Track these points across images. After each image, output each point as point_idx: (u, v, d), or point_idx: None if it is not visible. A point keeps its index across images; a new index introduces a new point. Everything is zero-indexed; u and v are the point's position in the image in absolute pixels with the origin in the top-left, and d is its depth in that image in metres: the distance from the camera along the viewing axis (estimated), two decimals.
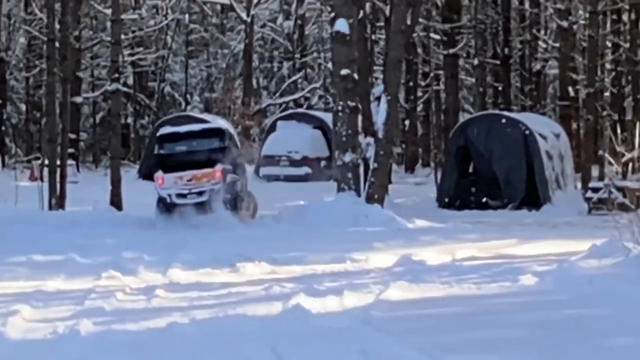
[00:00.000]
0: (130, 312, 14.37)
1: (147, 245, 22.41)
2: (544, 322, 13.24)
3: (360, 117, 30.80)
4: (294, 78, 56.84)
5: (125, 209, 31.45)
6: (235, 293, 16.28)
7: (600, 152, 38.14)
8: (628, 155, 33.65)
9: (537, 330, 12.71)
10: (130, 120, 59.51)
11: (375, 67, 43.43)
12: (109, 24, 37.12)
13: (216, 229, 26.30)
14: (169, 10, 59.05)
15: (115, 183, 32.40)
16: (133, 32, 55.56)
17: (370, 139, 30.80)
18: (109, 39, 38.99)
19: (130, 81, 58.08)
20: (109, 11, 36.62)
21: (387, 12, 35.81)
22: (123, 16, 41.71)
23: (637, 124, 37.65)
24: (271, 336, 12.27)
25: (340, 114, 30.24)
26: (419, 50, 51.26)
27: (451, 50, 46.68)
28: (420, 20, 41.50)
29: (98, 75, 57.05)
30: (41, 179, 33.80)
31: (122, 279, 17.61)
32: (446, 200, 33.73)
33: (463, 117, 42.12)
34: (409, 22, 33.22)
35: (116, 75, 35.17)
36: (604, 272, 17.02)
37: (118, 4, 35.45)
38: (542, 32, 52.77)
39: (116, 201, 31.99)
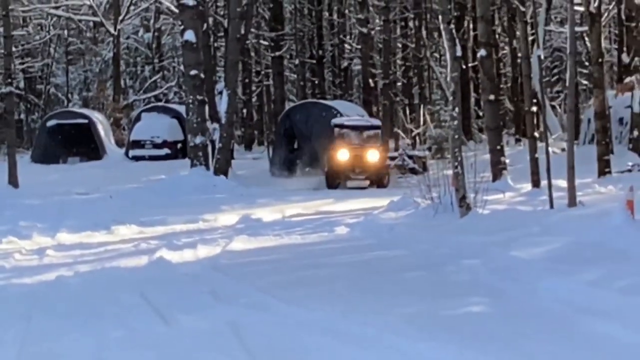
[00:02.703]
0: (25, 269, 14.17)
1: (39, 215, 22.04)
2: (355, 262, 13.37)
3: (207, 108, 30.68)
4: (154, 78, 56.22)
5: (20, 187, 30.86)
6: (110, 250, 16.18)
7: (395, 129, 38.53)
8: (416, 131, 34.21)
9: (349, 268, 12.82)
10: (22, 116, 58.29)
11: (217, 68, 43.19)
12: (1, 39, 36.18)
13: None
14: (51, 27, 57.97)
15: (12, 167, 31.78)
16: (22, 45, 54.34)
17: (216, 125, 30.73)
18: (2, 51, 38.07)
19: (22, 85, 56.82)
20: (1, 29, 35.70)
21: (226, 24, 35.61)
22: (13, 32, 40.78)
23: (422, 107, 38.20)
24: (140, 283, 12.19)
25: (191, 105, 30.06)
26: (252, 54, 51.08)
27: (277, 53, 46.66)
28: (252, 30, 41.40)
29: None
30: None
31: (19, 243, 17.33)
32: (277, 170, 33.75)
33: (288, 105, 42.08)
34: (243, 32, 33.11)
35: (9, 80, 34.47)
36: (400, 221, 17.27)
37: (9, 23, 34.72)
38: (348, 37, 53.07)
39: (13, 181, 31.39)
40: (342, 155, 28.92)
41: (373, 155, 28.75)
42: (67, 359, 8.25)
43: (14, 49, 39.87)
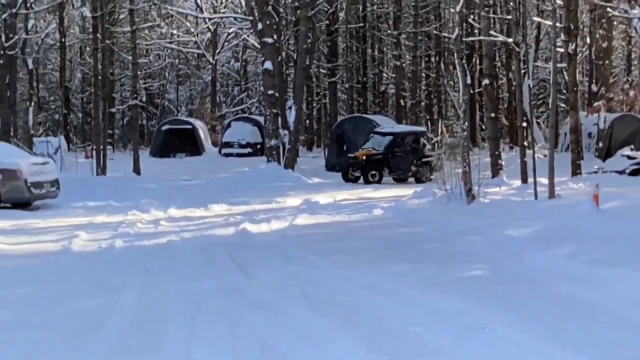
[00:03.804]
0: (145, 234, 14.30)
1: (155, 195, 22.24)
2: (386, 235, 13.37)
3: (279, 119, 30.74)
4: (241, 96, 56.32)
5: (142, 175, 31.14)
6: (207, 222, 16.26)
7: None
8: (435, 139, 33.95)
9: (382, 240, 12.84)
10: (144, 122, 58.76)
11: (288, 89, 43.26)
12: (130, 65, 36.46)
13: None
14: (167, 56, 58.33)
15: (136, 159, 32.03)
16: (145, 69, 54.76)
17: (286, 131, 30.74)
18: (130, 74, 38.44)
19: (144, 99, 57.25)
20: (130, 57, 36.00)
21: (295, 57, 35.66)
22: (139, 60, 41.12)
23: (439, 121, 37.93)
24: (228, 247, 12.27)
25: (268, 116, 30.13)
26: (314, 79, 51.12)
27: (332, 79, 46.61)
28: (314, 61, 41.42)
29: (124, 95, 56.13)
30: (91, 157, 33.31)
31: (140, 215, 17.48)
32: (330, 166, 33.70)
33: (340, 118, 42.02)
34: (307, 62, 33.14)
35: (135, 95, 34.77)
36: (421, 206, 17.22)
37: (136, 53, 35.03)
38: (385, 67, 52.86)
39: (136, 170, 31.65)
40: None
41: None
42: (174, 300, 8.34)
43: (138, 72, 40.14)
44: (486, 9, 24.58)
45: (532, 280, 8.92)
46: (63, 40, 47.45)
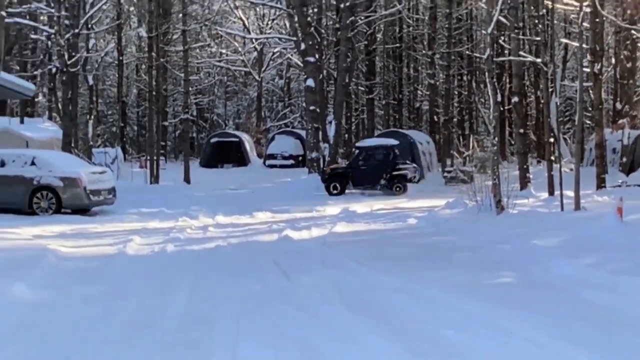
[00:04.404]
0: (194, 239, 14.41)
1: (204, 203, 22.39)
2: (420, 244, 13.32)
3: (320, 133, 30.81)
4: (284, 111, 56.55)
5: (192, 184, 31.37)
6: (252, 229, 16.32)
7: (451, 151, 38.20)
8: (466, 153, 33.82)
9: (416, 248, 12.79)
10: (194, 134, 59.20)
11: (328, 105, 43.33)
12: (182, 82, 36.83)
13: None
14: (216, 74, 58.73)
15: (186, 169, 32.28)
16: (196, 86, 55.19)
17: (326, 144, 30.81)
18: (182, 90, 38.77)
19: (195, 113, 57.71)
20: (182, 75, 36.37)
21: (335, 75, 35.74)
22: (190, 77, 41.48)
23: (471, 136, 37.76)
24: (272, 252, 12.31)
25: (310, 130, 30.25)
26: (353, 96, 51.13)
27: (370, 96, 46.58)
28: (353, 79, 41.46)
29: (176, 110, 56.64)
30: (145, 167, 33.66)
31: (190, 222, 17.62)
32: None
33: (376, 133, 41.97)
34: (347, 80, 33.22)
35: (186, 110, 35.10)
36: (453, 216, 17.13)
37: (187, 71, 35.36)
38: (420, 85, 52.73)
39: (187, 179, 31.88)
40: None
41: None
42: (221, 300, 8.41)
43: (190, 88, 40.48)
44: (516, 30, 24.42)
45: (557, 287, 8.85)
46: (121, 58, 48.09)
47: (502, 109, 38.47)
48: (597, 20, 22.32)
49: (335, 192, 26.22)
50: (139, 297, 8.66)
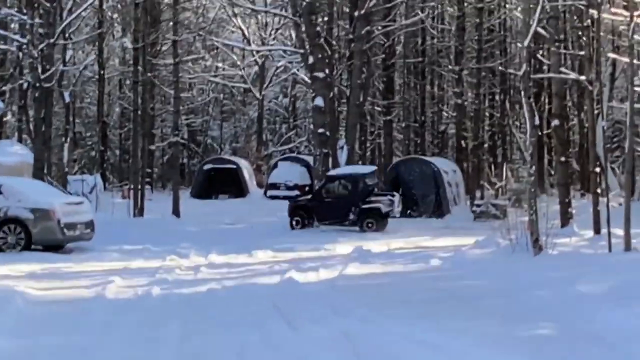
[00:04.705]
0: (184, 282, 14.42)
1: (196, 240, 22.40)
2: (445, 289, 13.27)
3: (330, 159, 30.85)
4: (289, 134, 56.78)
5: (182, 217, 31.41)
6: (250, 270, 16.32)
7: (482, 182, 38.19)
8: (498, 184, 33.86)
9: (440, 293, 12.74)
10: (185, 160, 59.40)
11: (340, 128, 43.45)
12: (172, 100, 37.07)
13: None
14: (210, 91, 59.08)
15: (176, 200, 32.31)
16: (187, 104, 55.48)
17: None
18: (172, 109, 38.98)
19: (186, 135, 57.95)
20: (172, 91, 36.58)
21: (348, 93, 35.90)
22: (181, 95, 41.73)
23: (505, 165, 37.81)
24: (273, 297, 12.28)
25: (318, 157, 30.33)
26: (368, 117, 51.26)
27: (388, 117, 46.72)
28: (369, 98, 41.59)
29: (165, 131, 56.87)
30: (129, 197, 33.76)
31: (179, 261, 17.66)
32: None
33: (395, 159, 42.03)
34: (361, 99, 33.35)
35: (176, 132, 35.21)
36: (484, 257, 17.08)
37: (178, 87, 35.53)
38: (445, 106, 52.89)
39: (176, 212, 31.91)
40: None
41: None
42: (215, 355, 8.39)
43: (181, 107, 40.69)
44: (556, 44, 24.53)
45: (605, 342, 8.79)
46: (102, 72, 48.42)
47: (540, 133, 38.52)
48: None
49: (297, 227, 26.48)
50: (119, 350, 8.64)
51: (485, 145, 49.55)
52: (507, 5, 44.35)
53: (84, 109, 57.86)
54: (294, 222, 26.68)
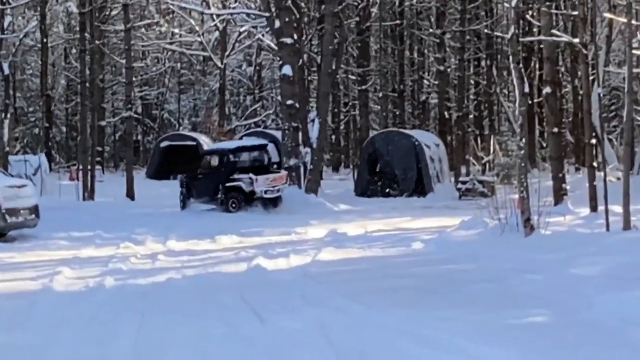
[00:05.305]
0: (140, 271, 14.40)
1: (152, 224, 22.36)
2: (428, 274, 13.32)
3: (300, 134, 30.82)
4: (254, 107, 56.65)
5: (137, 200, 31.32)
6: (214, 257, 16.31)
7: (467, 157, 38.34)
8: (486, 159, 34.01)
9: (423, 279, 12.79)
10: (139, 137, 59.16)
11: (310, 99, 43.47)
12: (124, 70, 36.84)
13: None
14: (166, 60, 58.83)
15: (130, 182, 32.29)
16: (141, 75, 55.21)
17: (308, 149, 30.85)
18: (124, 80, 38.76)
19: (140, 110, 57.71)
20: (124, 61, 36.36)
21: (319, 60, 35.83)
22: (134, 64, 41.50)
23: (492, 137, 37.96)
24: (239, 286, 12.30)
25: (287, 131, 30.24)
26: (341, 87, 51.24)
27: (363, 87, 46.76)
28: (342, 66, 41.58)
29: (116, 106, 56.61)
30: (77, 179, 33.61)
31: (135, 248, 17.64)
32: (360, 190, 33.73)
33: (372, 133, 42.09)
34: (334, 67, 33.30)
35: (129, 106, 35.08)
36: (470, 239, 17.14)
37: (130, 56, 35.36)
38: (426, 73, 52.99)
39: (130, 194, 31.88)
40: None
41: None
42: (175, 350, 8.38)
43: (133, 78, 40.51)
44: (547, 3, 24.60)
45: (604, 328, 8.87)
46: (45, 40, 48.02)
47: (530, 102, 38.70)
48: None
49: (182, 206, 27.51)
50: (69, 349, 8.61)
51: (471, 116, 49.79)
52: None
53: (25, 81, 57.38)
54: (180, 201, 27.65)
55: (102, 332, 9.26)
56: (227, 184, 26.60)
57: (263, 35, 47.19)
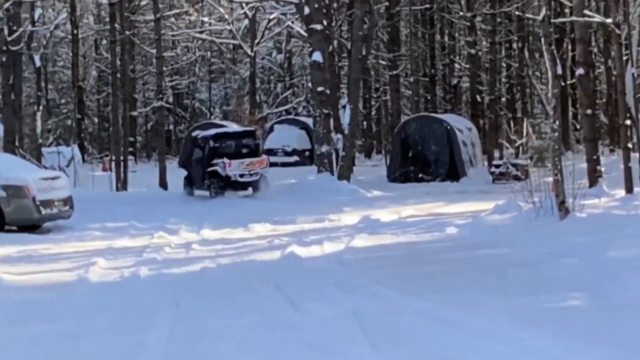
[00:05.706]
0: (174, 260, 14.44)
1: (186, 213, 22.41)
2: (463, 259, 13.30)
3: (332, 120, 30.78)
4: (285, 94, 56.71)
5: (169, 189, 31.42)
6: (247, 245, 16.34)
7: (500, 140, 38.15)
8: (519, 142, 33.78)
9: (458, 264, 12.77)
10: (171, 127, 59.38)
11: (341, 85, 43.37)
12: (154, 60, 36.94)
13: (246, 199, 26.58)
14: (197, 49, 58.94)
15: (162, 171, 32.40)
16: (172, 65, 55.36)
17: (339, 135, 30.79)
18: (154, 70, 38.91)
19: (171, 100, 57.90)
20: (154, 51, 36.47)
21: (349, 46, 35.75)
22: (164, 54, 41.62)
23: (525, 120, 37.75)
24: (273, 274, 12.31)
25: (318, 118, 30.23)
26: (372, 73, 51.12)
27: (394, 72, 46.57)
28: (372, 51, 41.45)
29: (148, 96, 56.83)
30: (110, 169, 33.80)
31: (169, 238, 17.68)
32: (393, 176, 33.66)
33: (404, 118, 41.99)
34: (364, 52, 33.20)
35: (160, 95, 35.16)
36: (504, 223, 17.08)
37: (160, 46, 35.43)
38: (457, 57, 52.72)
39: (163, 184, 31.98)
40: None
41: None
42: (210, 338, 8.41)
43: (164, 68, 40.63)
44: None
45: None
46: (75, 32, 48.27)
47: (563, 84, 38.43)
48: None
49: (185, 192, 28.37)
50: (105, 337, 8.66)
51: (503, 100, 49.52)
52: None
53: (57, 73, 57.77)
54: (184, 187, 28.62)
55: (137, 321, 9.31)
56: (208, 169, 27.20)
57: (292, 22, 47.17)
